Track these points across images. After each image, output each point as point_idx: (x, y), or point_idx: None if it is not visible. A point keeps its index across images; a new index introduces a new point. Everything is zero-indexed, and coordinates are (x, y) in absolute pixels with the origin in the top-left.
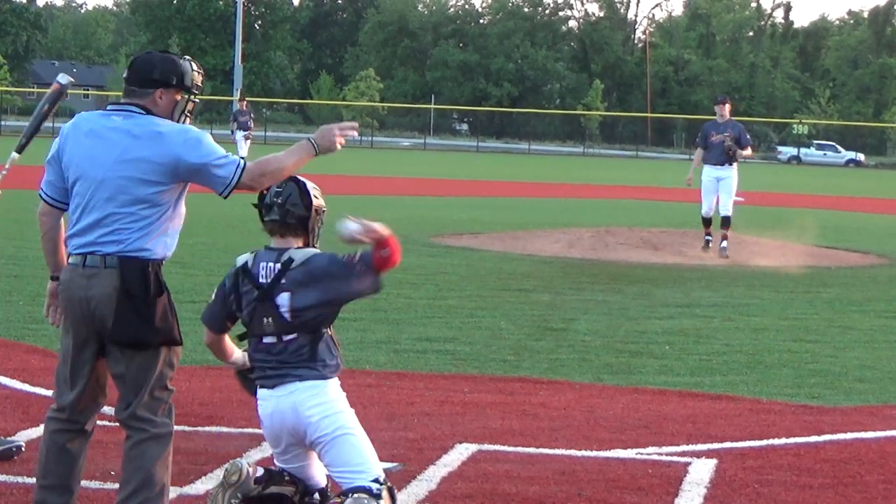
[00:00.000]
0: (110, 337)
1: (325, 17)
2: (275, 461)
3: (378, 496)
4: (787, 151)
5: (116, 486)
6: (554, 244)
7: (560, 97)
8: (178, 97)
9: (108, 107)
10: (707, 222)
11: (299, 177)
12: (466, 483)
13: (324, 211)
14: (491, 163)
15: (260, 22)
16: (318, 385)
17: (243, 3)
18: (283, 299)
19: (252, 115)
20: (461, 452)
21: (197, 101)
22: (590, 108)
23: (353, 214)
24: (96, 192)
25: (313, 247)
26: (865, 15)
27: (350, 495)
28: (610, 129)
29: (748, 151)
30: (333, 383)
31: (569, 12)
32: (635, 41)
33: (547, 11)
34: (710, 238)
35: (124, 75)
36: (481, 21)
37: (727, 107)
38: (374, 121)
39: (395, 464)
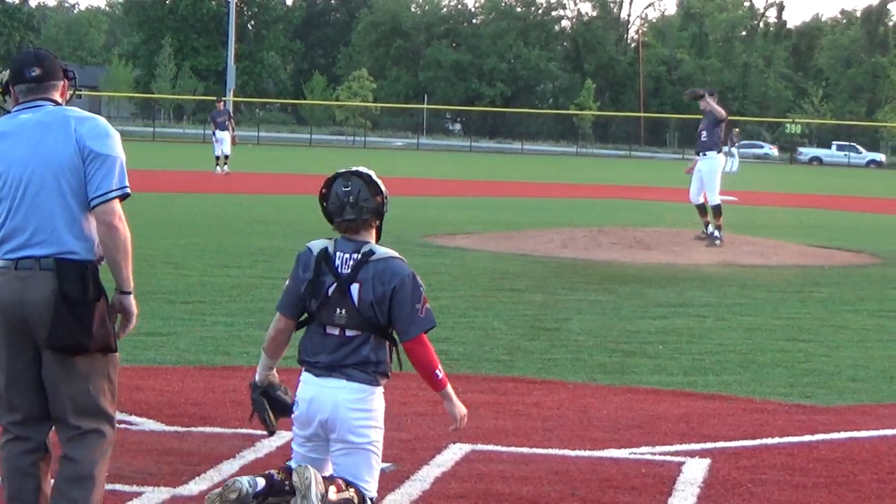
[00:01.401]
0: (46, 341)
1: (317, 18)
2: (293, 445)
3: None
4: (808, 152)
5: (109, 487)
6: (547, 244)
7: (553, 97)
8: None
9: (14, 109)
10: (699, 210)
11: (361, 169)
12: (460, 483)
13: (388, 196)
14: (484, 163)
15: (253, 22)
16: (365, 390)
17: (236, 4)
18: (354, 289)
19: (231, 116)
20: (455, 452)
21: (76, 88)
22: (583, 107)
23: None
24: (19, 193)
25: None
26: (858, 14)
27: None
28: (603, 128)
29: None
30: (379, 392)
31: (561, 12)
32: (628, 41)
33: (540, 11)
34: (709, 230)
35: (35, 73)
36: (474, 21)
37: (706, 99)
38: (366, 121)
39: (388, 464)
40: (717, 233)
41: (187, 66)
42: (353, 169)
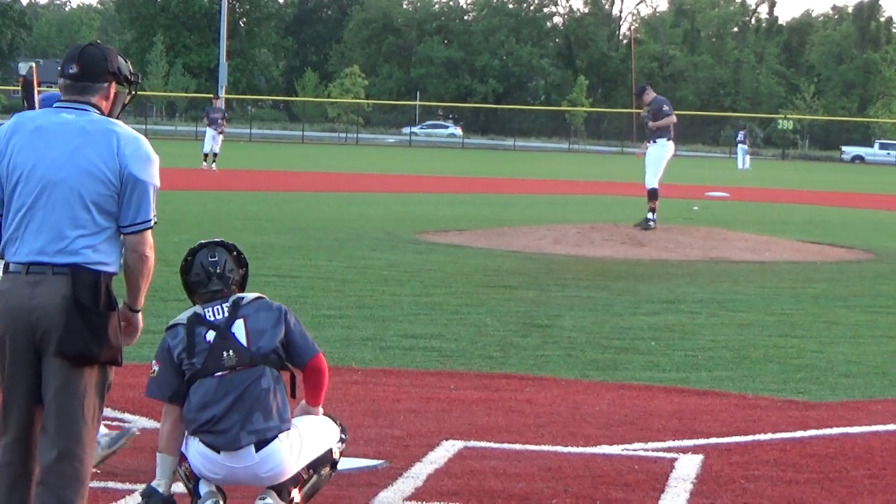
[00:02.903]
0: (56, 348)
1: (309, 15)
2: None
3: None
4: (851, 151)
5: (102, 484)
6: (539, 240)
7: (545, 93)
8: (118, 90)
9: (56, 105)
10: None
11: (224, 240)
12: (453, 480)
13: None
14: (476, 159)
15: (245, 19)
16: (280, 446)
17: (228, 1)
18: (239, 326)
19: (225, 115)
20: (447, 449)
21: (135, 94)
22: (575, 104)
23: (338, 213)
24: (44, 194)
25: None
26: (850, 10)
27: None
28: (595, 125)
29: (662, 122)
30: (290, 431)
31: (553, 8)
32: (620, 37)
33: (531, 8)
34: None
35: (72, 71)
36: (466, 18)
37: (644, 97)
38: (359, 117)
39: (380, 461)
40: (650, 216)
41: (179, 63)
42: (218, 240)
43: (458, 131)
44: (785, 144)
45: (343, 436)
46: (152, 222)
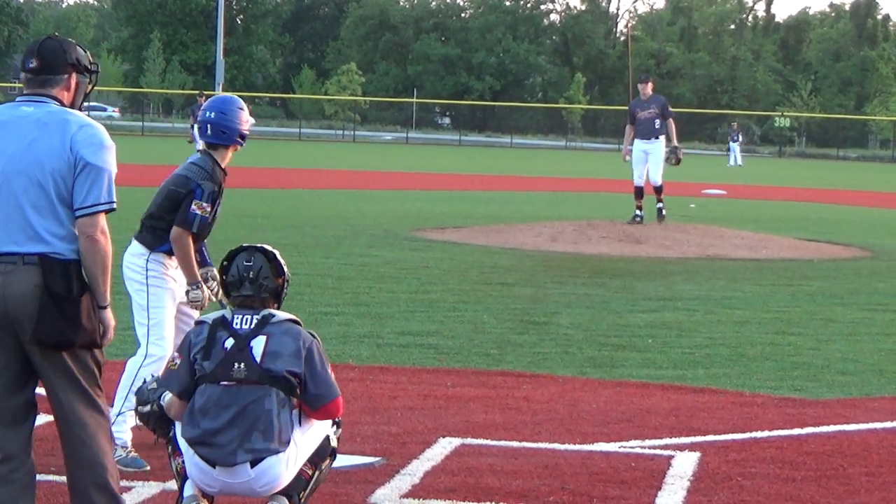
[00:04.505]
0: (32, 336)
1: (306, 12)
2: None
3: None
4: None
5: None
6: (536, 238)
7: (542, 91)
8: (79, 79)
9: (18, 98)
10: (638, 192)
11: (266, 246)
12: (450, 477)
13: (290, 278)
14: (473, 156)
15: (242, 16)
16: (276, 462)
17: None
18: (259, 342)
19: None
20: (444, 446)
21: (96, 83)
22: (572, 101)
23: (335, 210)
24: (5, 187)
25: None
26: (847, 7)
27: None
28: (592, 122)
29: (671, 127)
30: (287, 451)
31: (550, 6)
32: (617, 34)
33: (528, 5)
34: (639, 213)
35: (31, 65)
36: (463, 15)
37: (649, 85)
38: (355, 115)
39: (377, 458)
40: (659, 204)
41: (176, 60)
42: (259, 245)
43: (116, 113)
44: (782, 142)
45: (336, 419)
46: (105, 206)
